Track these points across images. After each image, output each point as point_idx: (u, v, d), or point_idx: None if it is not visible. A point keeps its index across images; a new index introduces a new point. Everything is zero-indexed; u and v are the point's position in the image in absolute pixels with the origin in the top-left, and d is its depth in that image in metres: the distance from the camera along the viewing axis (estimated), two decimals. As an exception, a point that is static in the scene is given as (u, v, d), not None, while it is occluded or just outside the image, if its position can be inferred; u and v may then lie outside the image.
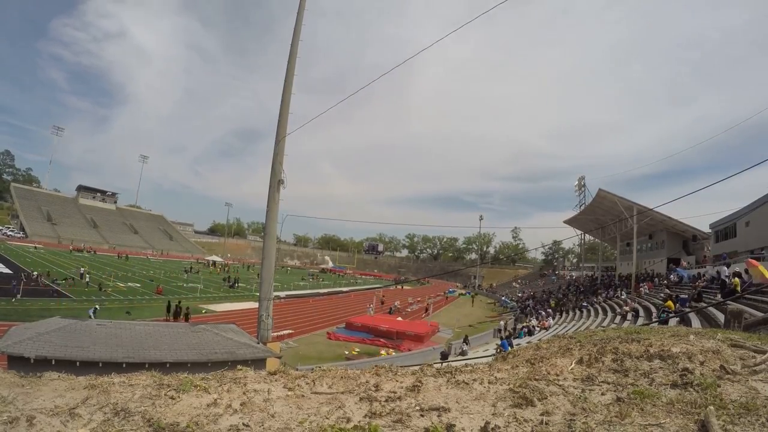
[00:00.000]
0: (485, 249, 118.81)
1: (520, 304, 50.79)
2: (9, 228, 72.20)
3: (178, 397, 2.33)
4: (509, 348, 13.55)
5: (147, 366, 7.05)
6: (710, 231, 33.98)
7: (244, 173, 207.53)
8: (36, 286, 28.25)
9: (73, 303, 25.11)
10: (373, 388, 2.60)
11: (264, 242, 15.69)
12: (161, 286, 35.07)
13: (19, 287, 24.64)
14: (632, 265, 36.95)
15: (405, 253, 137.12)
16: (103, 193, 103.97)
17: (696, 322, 13.06)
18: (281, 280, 50.97)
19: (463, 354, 20.57)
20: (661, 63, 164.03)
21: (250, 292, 39.83)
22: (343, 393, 2.53)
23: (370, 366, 3.23)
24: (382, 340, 25.66)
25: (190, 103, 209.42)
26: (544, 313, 35.92)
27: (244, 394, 2.46)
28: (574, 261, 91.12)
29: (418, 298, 51.38)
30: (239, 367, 3.14)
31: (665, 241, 39.48)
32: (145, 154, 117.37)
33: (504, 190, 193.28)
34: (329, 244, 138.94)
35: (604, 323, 23.42)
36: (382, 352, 22.10)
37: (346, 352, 21.87)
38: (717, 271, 20.95)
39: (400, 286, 66.95)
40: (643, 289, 28.73)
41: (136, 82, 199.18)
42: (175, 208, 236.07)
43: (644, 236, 42.96)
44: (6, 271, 33.88)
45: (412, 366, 3.59)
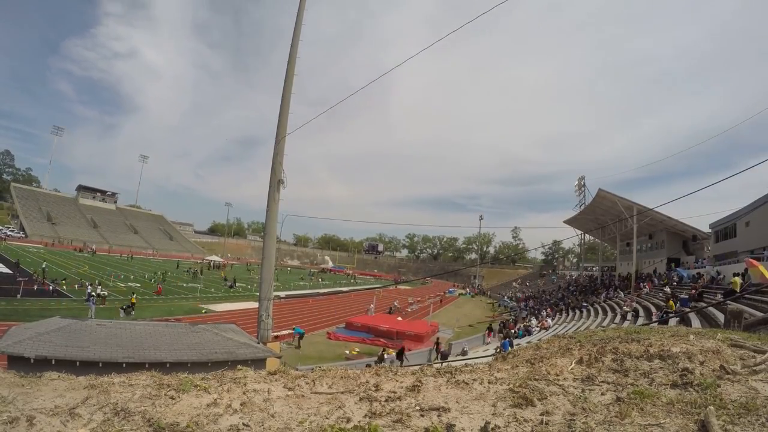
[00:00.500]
0: (485, 249, 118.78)
1: (520, 304, 50.81)
2: (9, 228, 72.20)
3: (178, 397, 2.33)
4: (509, 348, 13.55)
5: (147, 366, 7.05)
6: (710, 231, 33.98)
7: (245, 176, 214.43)
8: (40, 287, 28.26)
9: (73, 303, 25.12)
10: (373, 388, 2.60)
11: (264, 242, 15.69)
12: (161, 286, 35.08)
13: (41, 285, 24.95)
14: (632, 265, 36.93)
15: (405, 253, 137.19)
16: (103, 193, 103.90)
17: (696, 322, 13.07)
18: (282, 280, 50.98)
19: (444, 357, 20.28)
20: (626, 79, 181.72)
21: (250, 292, 39.86)
22: (343, 393, 2.53)
23: (370, 366, 3.23)
24: (382, 340, 25.65)
25: (196, 114, 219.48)
26: (544, 313, 35.93)
27: (244, 394, 2.46)
28: (574, 261, 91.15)
29: (418, 298, 51.39)
30: (239, 367, 3.14)
31: (665, 241, 39.46)
32: (146, 154, 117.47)
33: (495, 193, 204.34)
34: (329, 244, 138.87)
35: (604, 323, 23.40)
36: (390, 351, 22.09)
37: (347, 352, 21.87)
38: (717, 271, 20.98)
39: (396, 287, 66.90)
40: (643, 289, 28.75)
41: (144, 94, 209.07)
42: (175, 208, 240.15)
43: (644, 236, 42.94)
44: (6, 270, 33.91)
45: (411, 366, 3.59)
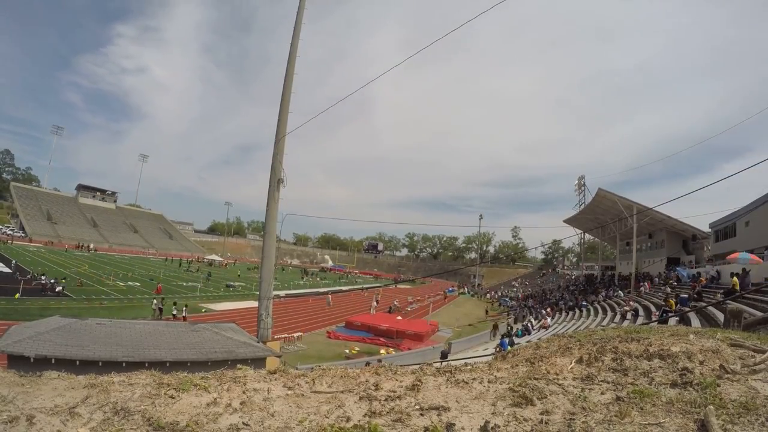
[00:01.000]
0: (485, 248, 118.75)
1: (519, 303, 50.85)
2: (9, 227, 72.18)
3: (178, 397, 2.33)
4: (509, 347, 13.56)
5: (147, 365, 7.05)
6: (710, 230, 33.99)
7: (244, 178, 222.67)
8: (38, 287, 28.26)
9: (72, 302, 25.13)
10: (373, 387, 2.60)
11: (264, 241, 15.69)
12: (160, 285, 35.08)
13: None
14: (632, 265, 36.94)
15: (405, 252, 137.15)
16: (103, 192, 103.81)
17: (696, 322, 13.07)
18: (281, 279, 51.01)
19: (444, 357, 20.28)
20: (600, 88, 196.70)
21: (250, 291, 39.88)
22: (342, 392, 2.53)
23: (370, 365, 3.23)
24: (381, 339, 25.67)
25: (201, 122, 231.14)
26: (544, 312, 35.96)
27: (244, 393, 2.46)
28: (574, 260, 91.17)
29: (418, 298, 51.44)
30: (239, 366, 3.14)
31: (665, 241, 39.47)
32: (146, 154, 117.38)
33: (485, 195, 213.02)
34: (329, 243, 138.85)
35: (604, 322, 23.43)
36: (382, 351, 22.11)
37: (346, 351, 21.89)
38: (717, 271, 20.99)
39: (395, 286, 66.94)
40: (643, 289, 28.77)
41: (153, 104, 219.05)
42: (174, 207, 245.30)
43: (644, 235, 42.96)
44: (5, 270, 33.90)
45: (411, 365, 3.59)
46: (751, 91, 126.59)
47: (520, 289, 67.63)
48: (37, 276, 31.11)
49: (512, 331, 28.68)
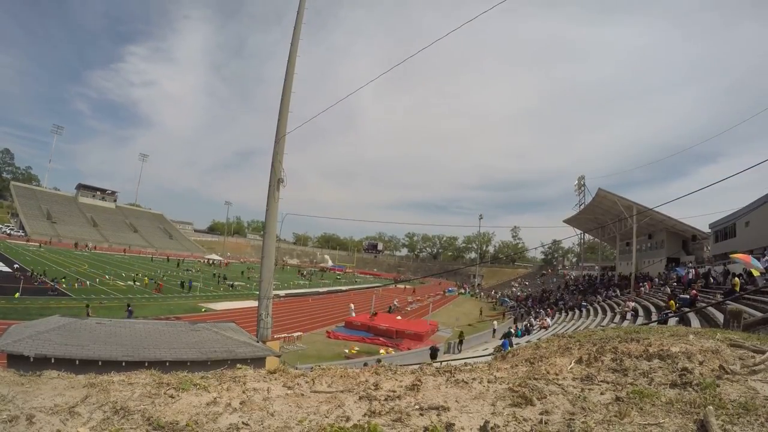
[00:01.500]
0: (485, 248, 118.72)
1: (519, 303, 50.85)
2: (8, 226, 72.12)
3: (178, 396, 2.33)
4: (509, 347, 13.56)
5: (146, 365, 7.04)
6: (710, 231, 33.99)
7: (244, 180, 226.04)
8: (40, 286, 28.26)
9: (72, 301, 25.12)
10: (373, 387, 2.60)
11: (264, 241, 15.68)
12: (161, 284, 35.09)
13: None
14: (632, 265, 36.94)
15: (405, 252, 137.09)
16: (103, 191, 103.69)
17: (695, 322, 13.08)
18: (280, 278, 50.98)
19: (433, 356, 20.32)
20: (564, 103, 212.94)
21: (250, 290, 39.87)
22: (342, 392, 2.53)
23: (369, 365, 3.23)
24: (381, 339, 25.67)
25: (206, 129, 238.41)
26: (543, 312, 35.96)
27: (244, 392, 2.46)
28: (574, 260, 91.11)
29: (417, 297, 51.44)
30: (239, 365, 3.14)
31: (665, 241, 39.46)
32: (146, 153, 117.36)
33: (474, 197, 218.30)
34: (329, 243, 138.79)
35: (604, 323, 23.43)
36: (382, 351, 22.12)
37: (346, 351, 21.89)
38: (716, 271, 20.97)
39: (395, 286, 66.92)
40: (643, 289, 28.77)
41: (160, 114, 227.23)
42: (174, 207, 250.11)
43: (644, 236, 42.95)
44: (5, 269, 33.88)
45: (411, 365, 3.59)
46: (717, 100, 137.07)
47: (520, 289, 67.61)
48: (37, 275, 31.12)
49: (511, 333, 28.75)
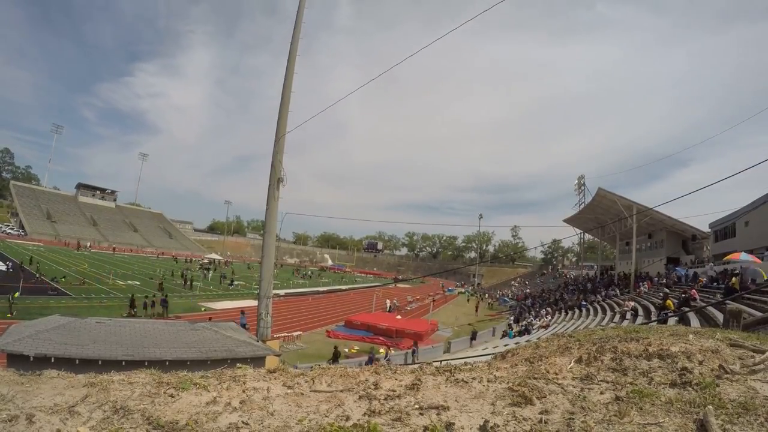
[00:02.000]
0: (485, 248, 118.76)
1: (519, 302, 50.86)
2: (8, 226, 72.07)
3: (178, 395, 2.33)
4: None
5: (146, 364, 7.02)
6: (710, 230, 34.02)
7: (244, 181, 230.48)
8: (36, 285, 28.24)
9: (72, 301, 25.12)
10: (373, 387, 2.60)
11: (264, 240, 15.69)
12: (162, 282, 35.06)
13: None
14: (631, 265, 36.95)
15: (405, 251, 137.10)
16: (103, 191, 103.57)
17: (695, 322, 13.08)
18: (279, 277, 50.98)
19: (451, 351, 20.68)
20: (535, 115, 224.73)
21: (250, 290, 39.86)
22: (342, 391, 2.53)
23: (369, 365, 3.23)
24: (381, 338, 25.69)
25: (210, 136, 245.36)
26: (543, 312, 35.97)
27: (244, 392, 2.46)
28: (574, 260, 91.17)
29: (417, 297, 51.46)
30: (238, 365, 3.14)
31: (664, 241, 39.47)
32: (145, 152, 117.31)
33: (466, 198, 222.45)
34: (329, 242, 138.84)
35: (604, 322, 23.42)
36: (381, 351, 22.13)
37: (346, 350, 21.89)
38: (716, 271, 20.98)
39: (395, 285, 66.92)
40: (642, 289, 28.76)
41: (167, 121, 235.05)
42: (174, 206, 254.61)
43: (644, 235, 42.96)
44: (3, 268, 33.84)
45: (411, 364, 3.59)
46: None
47: (520, 288, 67.64)
48: (37, 275, 31.11)
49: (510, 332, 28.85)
